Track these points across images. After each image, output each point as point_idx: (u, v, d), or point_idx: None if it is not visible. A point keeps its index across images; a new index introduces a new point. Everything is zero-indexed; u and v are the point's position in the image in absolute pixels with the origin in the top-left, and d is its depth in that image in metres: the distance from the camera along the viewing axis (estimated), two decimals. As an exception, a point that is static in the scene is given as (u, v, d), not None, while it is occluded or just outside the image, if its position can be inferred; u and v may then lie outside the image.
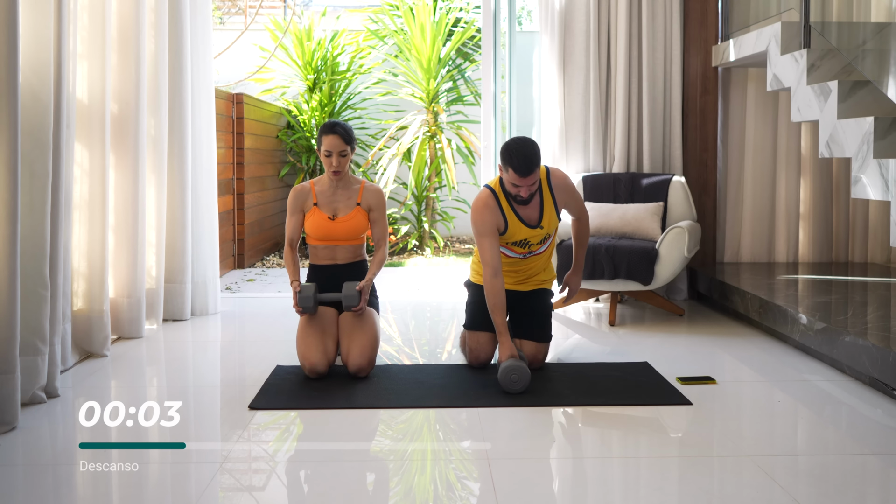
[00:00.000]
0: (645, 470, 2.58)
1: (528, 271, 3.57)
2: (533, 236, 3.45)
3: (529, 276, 3.60)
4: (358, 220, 3.53)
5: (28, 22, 3.04)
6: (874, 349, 3.12)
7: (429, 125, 8.04)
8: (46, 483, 2.45)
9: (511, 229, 3.42)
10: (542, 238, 3.48)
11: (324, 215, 3.52)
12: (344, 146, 3.47)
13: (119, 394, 3.41)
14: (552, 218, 3.46)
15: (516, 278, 3.58)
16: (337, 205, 3.55)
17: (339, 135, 3.46)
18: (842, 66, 3.99)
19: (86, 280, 3.76)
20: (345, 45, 8.47)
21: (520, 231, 3.43)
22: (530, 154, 3.27)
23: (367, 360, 3.38)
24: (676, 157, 5.06)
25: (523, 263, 3.54)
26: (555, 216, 3.47)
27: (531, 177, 3.28)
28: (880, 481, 2.54)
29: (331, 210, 3.54)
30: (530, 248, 3.49)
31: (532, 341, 3.53)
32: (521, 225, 3.42)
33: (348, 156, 3.50)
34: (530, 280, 3.60)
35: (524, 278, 3.59)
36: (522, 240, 3.45)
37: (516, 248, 3.48)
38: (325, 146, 3.47)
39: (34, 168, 3.05)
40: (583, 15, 5.02)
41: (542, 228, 3.45)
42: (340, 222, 3.52)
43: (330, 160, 3.47)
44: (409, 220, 8.37)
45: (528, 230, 3.43)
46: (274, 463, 2.64)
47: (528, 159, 3.26)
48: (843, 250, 5.33)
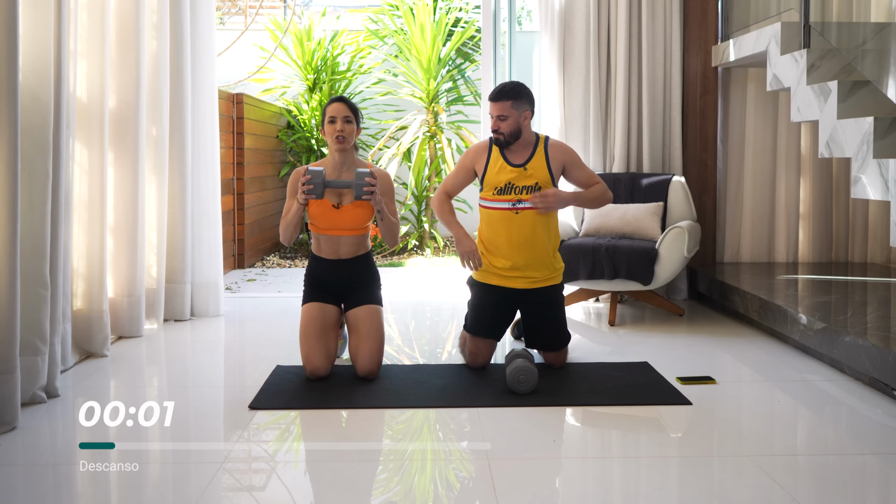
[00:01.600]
0: (645, 470, 2.58)
1: (525, 241, 3.43)
2: (516, 178, 3.44)
3: (534, 256, 3.46)
4: (364, 209, 3.39)
5: (28, 21, 3.04)
6: (874, 349, 3.12)
7: (429, 125, 8.04)
8: (46, 483, 2.45)
9: (491, 167, 3.49)
10: (529, 186, 3.44)
11: (328, 203, 3.37)
12: (347, 111, 3.38)
13: (119, 394, 3.41)
14: (540, 167, 3.47)
15: (520, 255, 3.44)
16: (342, 195, 3.41)
17: (343, 100, 3.42)
18: (842, 66, 3.99)
19: (85, 280, 3.76)
20: (345, 45, 8.47)
21: (502, 169, 3.47)
22: (508, 87, 3.45)
23: (376, 364, 3.38)
24: (676, 157, 5.06)
25: (517, 220, 3.43)
26: (544, 168, 3.47)
27: (498, 105, 3.42)
28: (880, 481, 2.54)
29: (336, 198, 3.39)
30: (519, 197, 3.44)
31: (551, 352, 3.56)
32: (505, 164, 3.47)
33: (353, 123, 3.39)
34: (533, 268, 3.47)
35: (529, 259, 3.45)
36: (507, 183, 3.45)
37: (503, 196, 3.44)
38: (328, 114, 3.39)
39: (34, 168, 3.05)
40: (583, 15, 5.02)
41: (527, 170, 3.46)
42: (346, 210, 3.38)
43: (334, 126, 3.37)
44: (409, 220, 8.37)
45: (513, 170, 3.46)
46: (274, 463, 2.64)
47: (501, 87, 3.46)
48: (843, 250, 5.33)
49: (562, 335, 3.57)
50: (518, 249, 3.46)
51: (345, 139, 3.38)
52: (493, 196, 3.47)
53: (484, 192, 3.52)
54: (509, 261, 3.48)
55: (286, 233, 3.40)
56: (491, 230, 3.50)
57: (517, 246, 3.46)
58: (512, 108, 3.42)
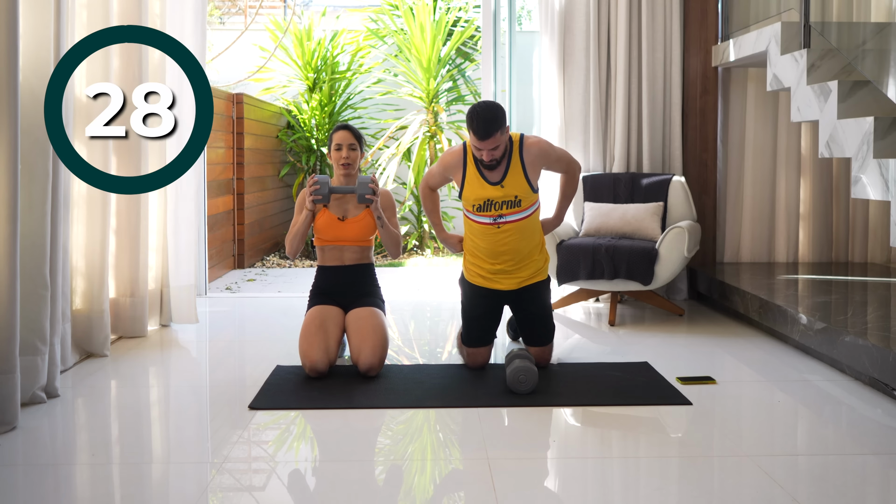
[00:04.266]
0: (645, 470, 2.58)
1: (513, 253, 3.43)
2: (494, 196, 3.38)
3: (517, 262, 3.47)
4: (367, 222, 3.58)
5: (28, 21, 3.04)
6: (874, 349, 3.12)
7: (429, 125, 8.04)
8: (46, 483, 2.45)
9: (469, 184, 3.42)
10: (508, 201, 3.39)
11: (333, 216, 3.56)
12: (353, 139, 3.60)
13: (119, 393, 3.41)
14: (518, 181, 3.38)
15: (503, 263, 3.46)
16: (347, 206, 3.59)
17: (348, 129, 3.62)
18: (842, 66, 3.99)
19: (86, 279, 3.76)
20: (344, 45, 8.47)
21: (480, 187, 3.39)
22: (490, 118, 3.23)
23: (378, 360, 3.39)
24: (676, 157, 5.06)
25: (499, 234, 3.41)
26: (523, 181, 3.39)
27: (489, 141, 3.26)
28: (880, 481, 2.54)
29: (340, 211, 3.58)
30: (499, 212, 3.39)
31: (536, 347, 3.54)
32: (481, 180, 3.39)
33: (357, 150, 3.61)
34: (518, 270, 3.48)
35: (511, 264, 3.46)
36: (485, 200, 3.39)
37: (483, 213, 3.42)
38: (335, 141, 3.61)
39: (34, 168, 3.05)
40: (583, 15, 5.02)
41: (503, 188, 3.38)
42: (350, 223, 3.56)
43: (340, 153, 3.58)
44: (409, 221, 8.37)
45: (489, 187, 3.38)
46: (274, 463, 2.64)
47: (487, 123, 3.23)
48: (843, 250, 5.33)
49: (548, 329, 3.55)
50: (501, 257, 3.47)
51: (350, 165, 3.60)
52: (474, 211, 3.45)
53: (464, 202, 3.49)
54: (494, 266, 3.49)
55: (293, 243, 3.58)
56: (474, 239, 3.50)
57: (500, 254, 3.47)
58: (501, 136, 3.30)
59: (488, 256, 3.48)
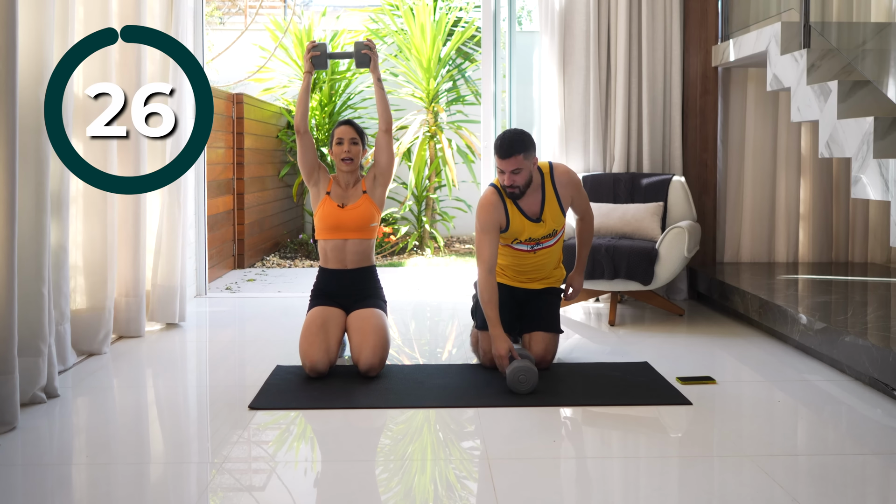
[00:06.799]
0: (645, 470, 2.58)
1: (539, 269, 3.56)
2: (536, 231, 3.45)
3: (541, 276, 3.59)
4: (366, 208, 3.58)
5: (28, 21, 3.03)
6: (874, 349, 3.12)
7: (429, 125, 8.04)
8: (46, 483, 2.45)
9: (514, 226, 3.43)
10: (548, 233, 3.48)
11: (333, 203, 3.58)
12: (354, 134, 3.60)
13: (119, 393, 3.41)
14: (555, 213, 3.45)
15: (528, 276, 3.58)
16: (346, 194, 3.62)
17: (350, 124, 3.63)
18: (842, 66, 3.99)
19: (86, 280, 3.76)
20: (345, 45, 8.47)
21: (524, 227, 3.43)
22: (512, 138, 3.31)
23: (378, 359, 3.39)
24: (676, 157, 5.06)
25: (534, 258, 3.51)
26: (559, 211, 3.46)
27: (510, 160, 3.29)
28: (880, 481, 2.54)
29: (340, 199, 3.60)
30: (538, 241, 3.48)
31: (541, 332, 3.51)
32: (524, 219, 3.42)
33: (359, 145, 3.61)
34: (542, 280, 3.60)
35: (536, 276, 3.59)
36: (528, 237, 3.46)
37: (523, 243, 3.49)
38: (336, 136, 3.62)
39: (33, 167, 3.05)
40: (583, 15, 5.02)
41: (544, 222, 3.44)
42: (350, 210, 3.57)
43: (341, 147, 3.58)
44: (409, 220, 8.37)
45: (532, 225, 3.43)
46: (274, 463, 2.64)
47: (508, 141, 3.29)
48: (843, 250, 5.33)
49: (554, 319, 3.55)
50: (525, 273, 3.58)
51: (352, 160, 3.58)
52: (512, 243, 3.49)
53: (502, 238, 3.48)
54: (518, 278, 3.59)
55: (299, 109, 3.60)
56: (502, 256, 3.55)
57: (525, 272, 3.58)
58: (525, 160, 3.30)
59: (515, 273, 3.58)
